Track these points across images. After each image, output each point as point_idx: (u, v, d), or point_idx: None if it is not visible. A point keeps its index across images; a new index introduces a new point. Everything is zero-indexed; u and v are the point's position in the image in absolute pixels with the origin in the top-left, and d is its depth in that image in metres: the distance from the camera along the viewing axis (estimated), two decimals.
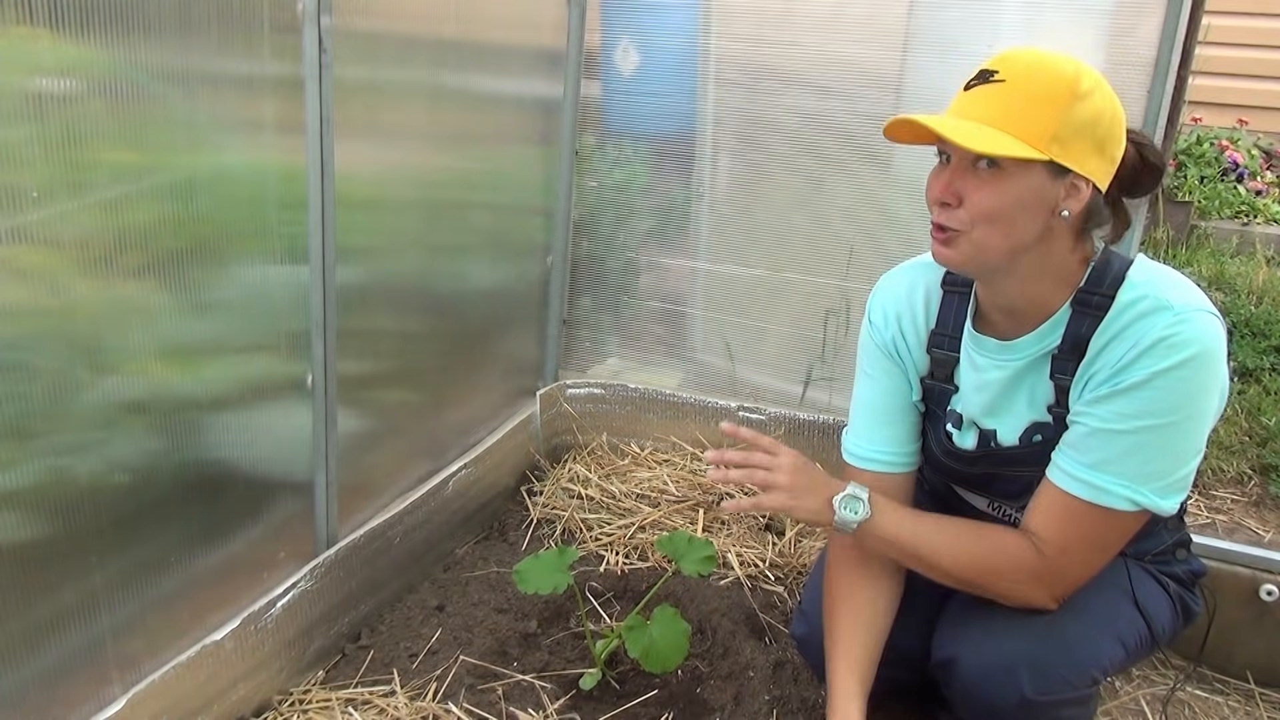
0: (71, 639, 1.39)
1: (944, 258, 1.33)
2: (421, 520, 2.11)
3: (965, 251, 1.31)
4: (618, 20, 2.55)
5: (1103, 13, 2.14)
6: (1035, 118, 1.23)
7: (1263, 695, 1.96)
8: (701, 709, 1.75)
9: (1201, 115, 5.25)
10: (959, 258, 1.32)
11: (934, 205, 1.31)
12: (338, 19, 1.64)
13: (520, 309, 2.55)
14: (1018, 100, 1.24)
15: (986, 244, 1.29)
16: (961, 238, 1.30)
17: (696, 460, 2.59)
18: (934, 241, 1.34)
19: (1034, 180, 1.26)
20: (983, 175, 1.26)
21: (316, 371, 1.76)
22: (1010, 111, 1.23)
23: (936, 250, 1.34)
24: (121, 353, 1.40)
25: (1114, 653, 1.43)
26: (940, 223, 1.31)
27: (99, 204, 1.31)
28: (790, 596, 2.10)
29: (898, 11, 2.32)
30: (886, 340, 1.55)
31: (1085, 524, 1.34)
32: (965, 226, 1.29)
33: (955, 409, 1.52)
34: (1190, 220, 4.58)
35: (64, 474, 1.34)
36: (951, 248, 1.32)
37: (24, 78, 1.20)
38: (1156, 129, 2.07)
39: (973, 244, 1.30)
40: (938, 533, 1.44)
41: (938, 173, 1.32)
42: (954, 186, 1.28)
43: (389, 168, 1.94)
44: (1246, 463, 2.54)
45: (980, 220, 1.27)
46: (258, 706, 1.71)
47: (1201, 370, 1.27)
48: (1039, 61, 1.26)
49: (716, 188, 2.60)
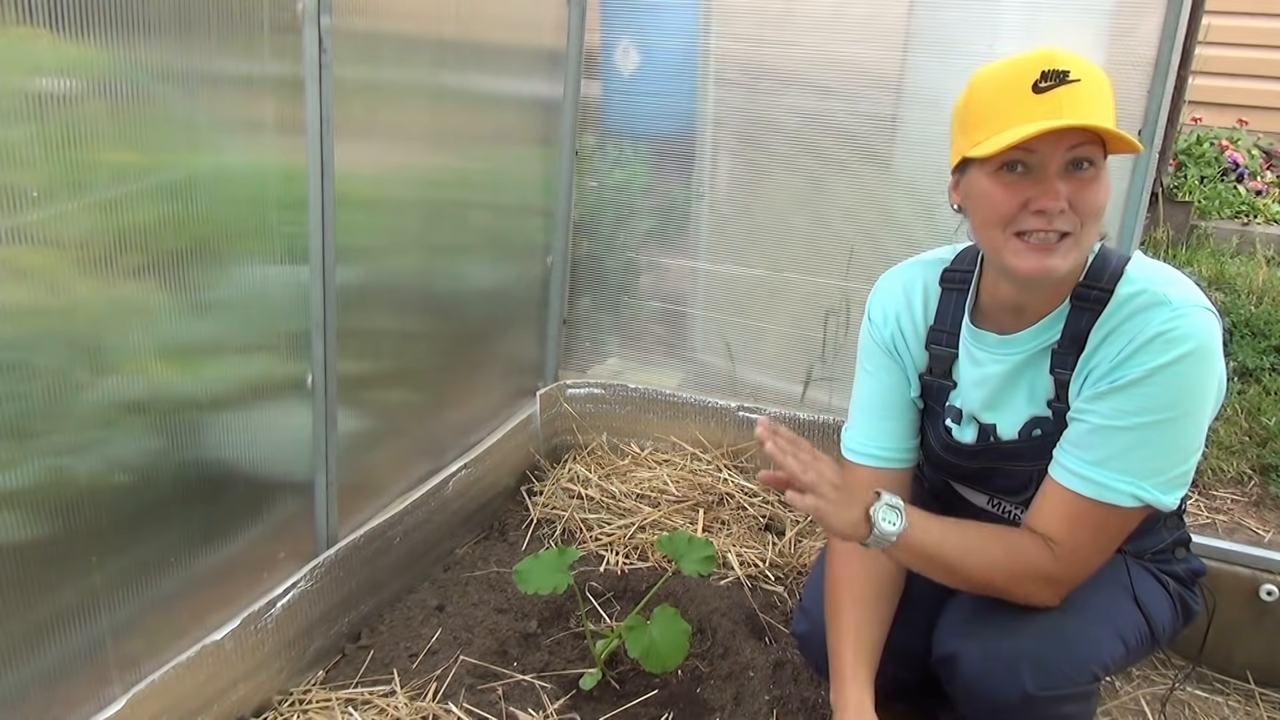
0: (71, 639, 1.39)
1: (1050, 269, 1.28)
2: (421, 520, 2.11)
3: (1073, 256, 1.29)
4: (618, 20, 2.55)
5: (1103, 13, 2.14)
6: (1109, 112, 1.27)
7: (1262, 695, 1.96)
8: (701, 709, 1.75)
9: (1201, 115, 5.25)
10: (1067, 264, 1.29)
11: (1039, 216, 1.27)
12: (338, 19, 1.64)
13: (520, 309, 2.55)
14: (1097, 97, 1.25)
15: (1088, 243, 1.31)
16: (1070, 242, 1.28)
17: (696, 460, 2.59)
18: (1031, 256, 1.28)
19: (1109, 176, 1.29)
20: (1083, 176, 1.26)
21: (316, 371, 1.76)
22: (1099, 108, 1.25)
23: (1041, 264, 1.28)
24: (121, 353, 1.40)
25: (1115, 649, 1.43)
26: (1060, 228, 1.27)
27: (99, 204, 1.32)
28: (790, 596, 2.10)
29: (898, 11, 2.32)
30: (885, 338, 1.56)
31: (1090, 521, 1.35)
32: (1076, 228, 1.27)
33: (954, 404, 1.52)
34: (1190, 220, 4.58)
35: (64, 474, 1.34)
36: (1062, 255, 1.28)
37: (24, 78, 1.20)
38: (1156, 129, 2.07)
39: (1080, 246, 1.29)
40: (963, 540, 1.40)
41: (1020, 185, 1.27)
42: (1064, 191, 1.26)
43: (389, 168, 1.94)
44: (1246, 463, 2.54)
45: (1090, 219, 1.28)
46: (258, 706, 1.71)
47: (1199, 365, 1.28)
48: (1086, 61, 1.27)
49: (716, 188, 2.60)
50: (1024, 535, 1.40)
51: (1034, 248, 1.28)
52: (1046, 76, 1.24)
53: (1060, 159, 1.25)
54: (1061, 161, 1.25)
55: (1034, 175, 1.27)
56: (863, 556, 1.53)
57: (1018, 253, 1.30)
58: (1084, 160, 1.25)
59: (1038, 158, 1.26)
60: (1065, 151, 1.25)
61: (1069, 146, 1.24)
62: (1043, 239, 1.27)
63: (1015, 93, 1.25)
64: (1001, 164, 1.28)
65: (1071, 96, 1.23)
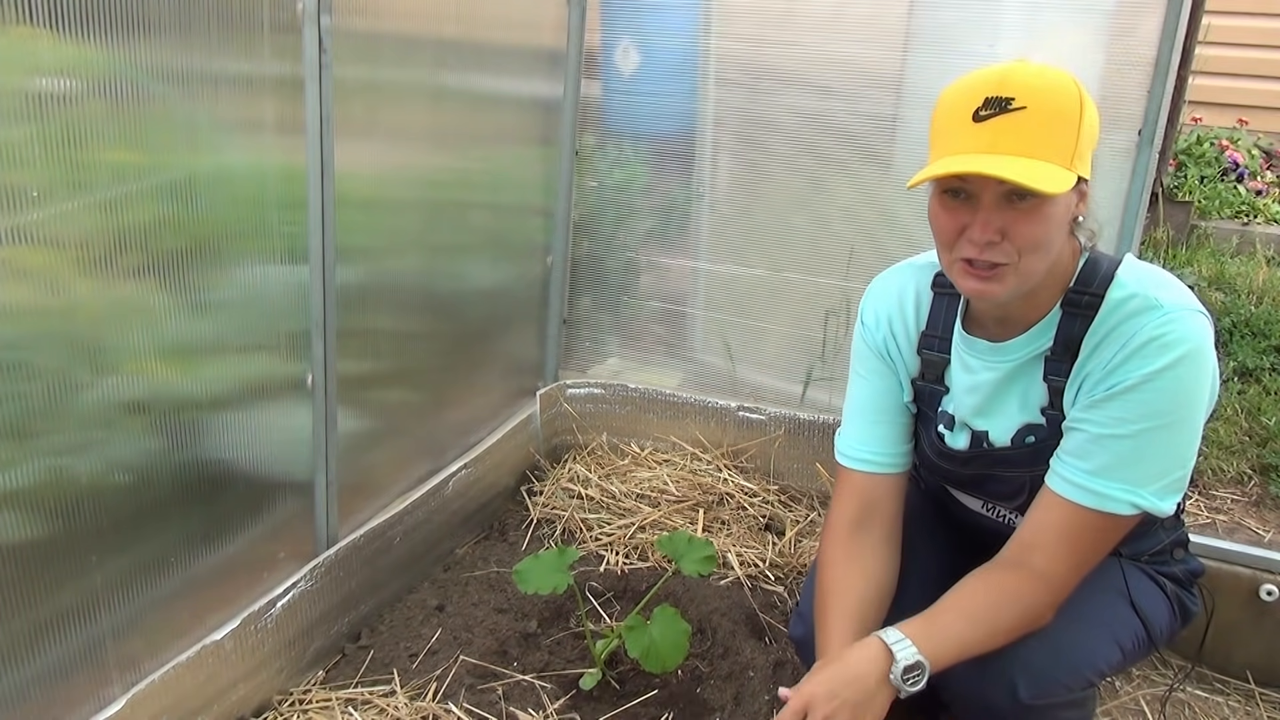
0: (71, 639, 1.39)
1: (990, 294, 1.29)
2: (421, 520, 2.11)
3: (1012, 284, 1.28)
4: (618, 20, 2.55)
5: (1103, 13, 2.14)
6: (1062, 140, 1.22)
7: (1262, 695, 1.96)
8: (701, 709, 1.75)
9: (1201, 115, 5.25)
10: (1005, 291, 1.28)
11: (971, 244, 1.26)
12: (338, 19, 1.64)
13: (520, 309, 2.55)
14: (1043, 126, 1.21)
15: (1032, 271, 1.28)
16: (1008, 271, 1.27)
17: (697, 460, 2.59)
18: (972, 279, 1.29)
19: (1065, 200, 1.26)
20: (1021, 208, 1.23)
21: (316, 371, 1.76)
22: (1040, 139, 1.21)
23: (979, 288, 1.29)
24: (121, 353, 1.40)
25: (1110, 655, 1.43)
26: (990, 259, 1.26)
27: (99, 204, 1.32)
28: (790, 596, 2.10)
29: (898, 11, 2.32)
30: (878, 342, 1.56)
31: (1087, 531, 1.34)
32: (1013, 259, 1.26)
33: (947, 410, 1.52)
34: (1190, 220, 4.58)
35: (64, 474, 1.34)
36: (999, 283, 1.28)
37: (24, 78, 1.20)
38: (1156, 129, 2.07)
39: (1019, 275, 1.27)
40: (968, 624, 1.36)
41: (962, 212, 1.27)
42: (995, 224, 1.24)
43: (389, 168, 1.94)
44: (1246, 463, 2.54)
45: (1027, 250, 1.25)
46: (258, 706, 1.71)
47: (1193, 368, 1.28)
48: (1045, 80, 1.23)
49: (717, 188, 2.60)
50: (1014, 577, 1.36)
51: (971, 272, 1.29)
52: (989, 104, 1.22)
53: (994, 190, 1.23)
54: (996, 193, 1.24)
55: (972, 203, 1.26)
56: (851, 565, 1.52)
57: (961, 274, 1.30)
58: (1024, 192, 1.22)
59: (973, 186, 1.25)
60: (997, 184, 1.22)
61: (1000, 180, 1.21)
62: (980, 265, 1.27)
63: (958, 118, 1.24)
64: (944, 188, 1.28)
65: (1010, 126, 1.21)
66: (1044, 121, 1.21)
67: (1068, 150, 1.22)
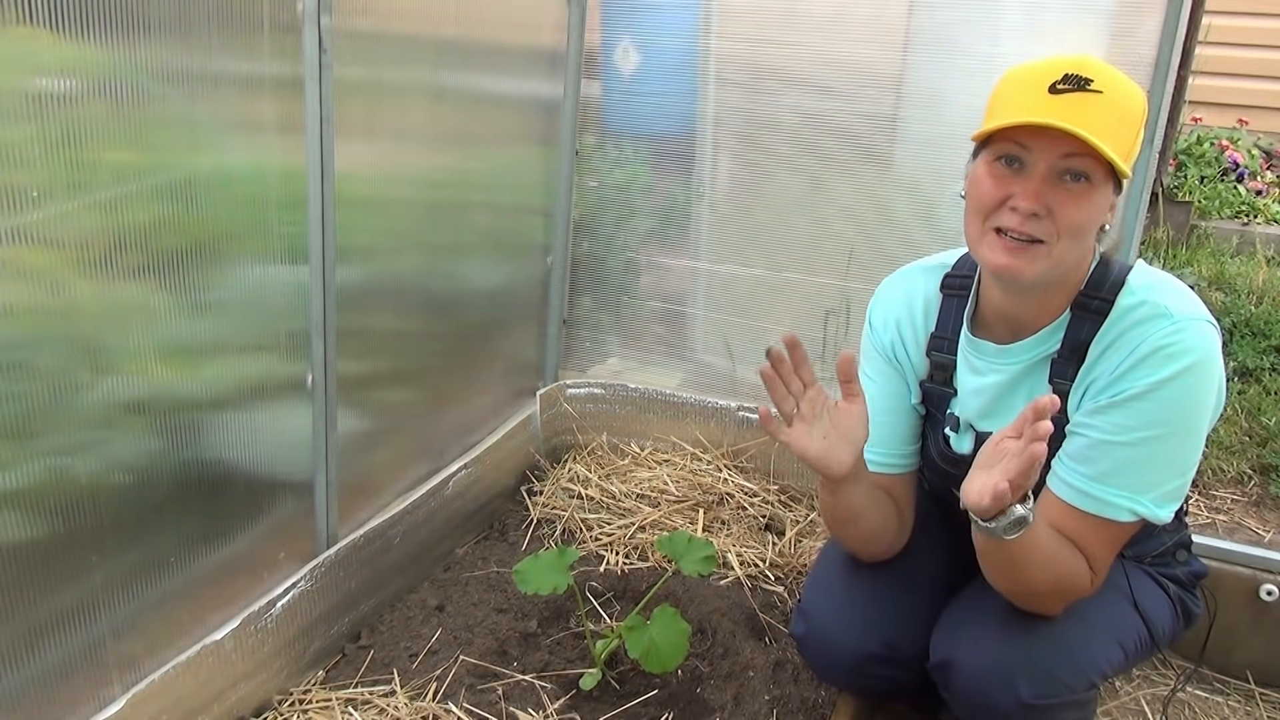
0: (71, 639, 1.39)
1: (1017, 270, 1.26)
2: (421, 520, 2.11)
3: (1043, 265, 1.26)
4: (618, 20, 2.55)
5: (1103, 13, 2.14)
6: (1125, 135, 1.22)
7: (1263, 695, 1.96)
8: (701, 709, 1.75)
9: (1201, 115, 5.24)
10: (1034, 271, 1.26)
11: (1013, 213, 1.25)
12: (338, 19, 1.64)
13: (520, 309, 2.55)
14: (1115, 116, 1.21)
15: (1065, 258, 1.27)
16: (1042, 250, 1.25)
17: (697, 460, 2.59)
18: (1003, 253, 1.27)
19: (1107, 197, 1.26)
20: (1071, 189, 1.23)
21: (316, 371, 1.76)
22: (1109, 126, 1.20)
23: (1008, 262, 1.26)
24: (121, 353, 1.40)
25: (1113, 656, 1.43)
26: (1030, 233, 1.25)
27: (99, 204, 1.32)
28: (790, 596, 2.10)
29: (898, 11, 2.32)
30: (886, 344, 1.55)
31: (1086, 536, 1.34)
32: (1051, 239, 1.25)
33: (953, 412, 1.52)
34: (1190, 220, 4.57)
35: (64, 474, 1.34)
36: (1030, 260, 1.26)
37: (24, 78, 1.20)
38: (1156, 129, 2.07)
39: (1052, 258, 1.26)
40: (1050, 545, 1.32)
41: (1009, 180, 1.25)
42: (1045, 197, 1.23)
43: (389, 168, 1.94)
44: (1246, 463, 2.54)
45: (1067, 234, 1.25)
46: (258, 706, 1.71)
47: (1199, 379, 1.28)
48: (1121, 77, 1.23)
49: (717, 188, 2.60)
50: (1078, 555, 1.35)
51: (1005, 245, 1.27)
52: (1067, 80, 1.21)
53: (1051, 163, 1.23)
54: (1052, 166, 1.23)
55: (1025, 173, 1.25)
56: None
57: (991, 246, 1.29)
58: (1078, 173, 1.23)
59: (1032, 156, 1.24)
60: (1059, 158, 1.22)
61: (1063, 154, 1.22)
62: (1014, 239, 1.26)
63: (1033, 89, 1.23)
64: (999, 155, 1.27)
65: (1085, 104, 1.20)
66: (1116, 111, 1.22)
67: (1126, 147, 1.23)
